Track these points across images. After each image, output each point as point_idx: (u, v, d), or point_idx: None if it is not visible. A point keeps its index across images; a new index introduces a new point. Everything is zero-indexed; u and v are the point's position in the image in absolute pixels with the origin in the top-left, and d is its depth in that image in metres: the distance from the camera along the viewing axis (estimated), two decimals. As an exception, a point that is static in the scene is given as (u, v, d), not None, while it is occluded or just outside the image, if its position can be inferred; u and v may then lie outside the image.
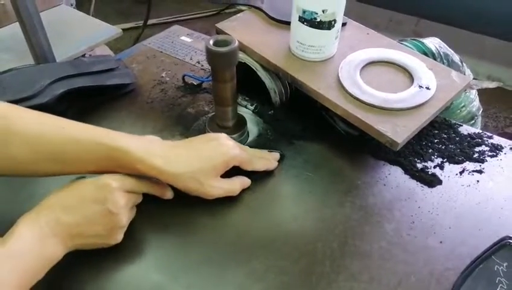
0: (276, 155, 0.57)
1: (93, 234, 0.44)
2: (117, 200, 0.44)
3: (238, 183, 0.52)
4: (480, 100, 0.75)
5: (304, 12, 0.55)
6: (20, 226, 0.40)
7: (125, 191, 0.45)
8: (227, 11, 2.36)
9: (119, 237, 0.46)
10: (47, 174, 0.46)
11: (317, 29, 0.56)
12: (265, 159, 0.55)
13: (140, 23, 2.12)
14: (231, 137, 0.58)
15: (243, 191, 0.54)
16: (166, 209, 0.51)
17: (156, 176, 0.47)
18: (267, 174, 0.55)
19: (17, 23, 0.70)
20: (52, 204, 0.42)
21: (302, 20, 0.56)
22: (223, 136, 0.52)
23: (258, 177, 0.55)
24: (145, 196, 0.50)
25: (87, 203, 0.43)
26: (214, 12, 2.38)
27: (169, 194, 0.51)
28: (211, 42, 0.51)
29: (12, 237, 0.39)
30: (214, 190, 0.49)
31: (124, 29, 0.91)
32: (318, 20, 0.55)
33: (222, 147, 0.50)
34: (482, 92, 0.79)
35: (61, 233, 0.42)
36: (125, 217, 0.45)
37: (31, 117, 0.46)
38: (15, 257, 0.38)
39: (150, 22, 2.12)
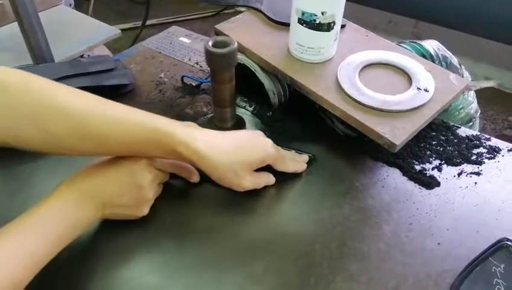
0: (305, 157, 0.57)
1: (122, 204, 0.46)
2: (145, 174, 0.47)
3: (265, 178, 0.53)
4: (478, 102, 0.75)
5: (303, 14, 0.55)
6: (60, 188, 0.43)
7: (153, 167, 0.48)
8: (225, 11, 2.36)
9: (145, 210, 0.48)
10: (85, 153, 0.47)
11: (316, 31, 0.56)
12: (295, 161, 0.55)
13: (139, 23, 2.12)
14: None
15: (241, 193, 0.54)
16: (164, 210, 0.51)
17: (195, 161, 0.46)
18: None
19: (16, 23, 0.70)
20: (89, 173, 0.46)
21: (301, 22, 0.56)
22: (261, 133, 0.53)
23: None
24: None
25: (119, 175, 0.46)
26: (213, 13, 2.38)
27: (196, 178, 0.53)
28: (210, 43, 0.51)
29: (52, 196, 0.42)
30: (246, 183, 0.50)
31: (122, 30, 0.91)
32: (317, 22, 0.55)
33: (262, 143, 0.51)
34: (480, 94, 0.79)
35: (96, 199, 0.45)
36: (151, 192, 0.48)
37: (73, 94, 0.45)
38: (54, 213, 0.41)
39: (148, 22, 2.12)
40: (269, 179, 0.53)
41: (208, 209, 0.52)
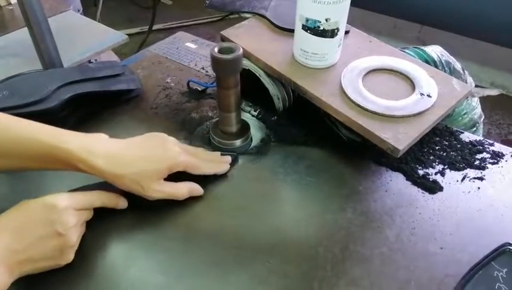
0: (228, 158, 0.57)
1: (43, 257, 0.42)
2: (66, 220, 0.43)
3: (185, 189, 0.52)
4: (483, 107, 0.75)
5: (307, 20, 0.56)
6: None
7: (74, 209, 0.45)
8: (231, 16, 2.38)
9: (70, 256, 0.45)
10: None
11: (320, 37, 0.57)
12: (214, 163, 0.55)
13: (146, 28, 2.14)
14: (234, 142, 0.59)
15: (246, 196, 0.54)
16: (170, 212, 0.52)
17: (97, 175, 0.47)
18: (268, 179, 0.56)
19: (26, 28, 0.71)
20: (0, 229, 0.41)
21: (305, 28, 0.57)
22: (171, 141, 0.53)
23: (260, 182, 0.56)
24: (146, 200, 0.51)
25: (35, 227, 0.42)
26: (218, 18, 2.41)
27: (122, 204, 0.51)
28: (216, 49, 0.52)
29: None
30: (154, 193, 0.49)
31: (129, 34, 0.92)
32: (321, 28, 0.56)
33: (169, 151, 0.51)
34: (485, 99, 0.79)
35: (10, 260, 0.40)
36: (75, 236, 0.44)
37: None
38: None
39: (155, 27, 2.15)
40: (192, 188, 0.52)
41: (212, 212, 0.53)
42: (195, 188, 0.53)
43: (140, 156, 0.49)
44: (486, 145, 0.61)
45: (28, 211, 0.43)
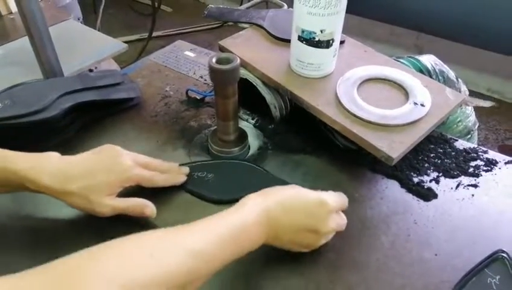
0: (185, 169, 0.56)
1: (288, 241, 0.45)
2: (329, 221, 0.46)
3: (138, 205, 0.50)
4: (480, 113, 0.77)
5: (303, 31, 0.57)
6: (251, 204, 0.43)
7: (337, 214, 0.48)
8: (229, 24, 2.39)
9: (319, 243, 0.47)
10: None
11: (315, 48, 0.58)
12: (168, 175, 0.54)
13: (145, 35, 2.16)
14: (232, 151, 0.60)
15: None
16: (164, 221, 0.53)
17: (47, 193, 0.47)
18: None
19: (26, 37, 0.72)
20: (278, 201, 0.44)
21: (301, 39, 0.58)
22: (124, 154, 0.51)
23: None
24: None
25: (302, 214, 0.45)
26: (217, 25, 2.42)
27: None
28: (214, 60, 0.53)
29: (243, 210, 0.42)
30: (105, 209, 0.48)
31: (129, 41, 0.94)
32: (316, 39, 0.57)
33: (120, 165, 0.50)
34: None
35: (272, 229, 0.43)
36: (324, 239, 0.47)
37: None
38: (237, 228, 0.40)
39: (154, 34, 2.16)
40: (143, 204, 0.50)
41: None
42: (149, 207, 0.50)
43: (89, 170, 0.48)
44: (480, 153, 0.62)
45: (302, 199, 0.46)
